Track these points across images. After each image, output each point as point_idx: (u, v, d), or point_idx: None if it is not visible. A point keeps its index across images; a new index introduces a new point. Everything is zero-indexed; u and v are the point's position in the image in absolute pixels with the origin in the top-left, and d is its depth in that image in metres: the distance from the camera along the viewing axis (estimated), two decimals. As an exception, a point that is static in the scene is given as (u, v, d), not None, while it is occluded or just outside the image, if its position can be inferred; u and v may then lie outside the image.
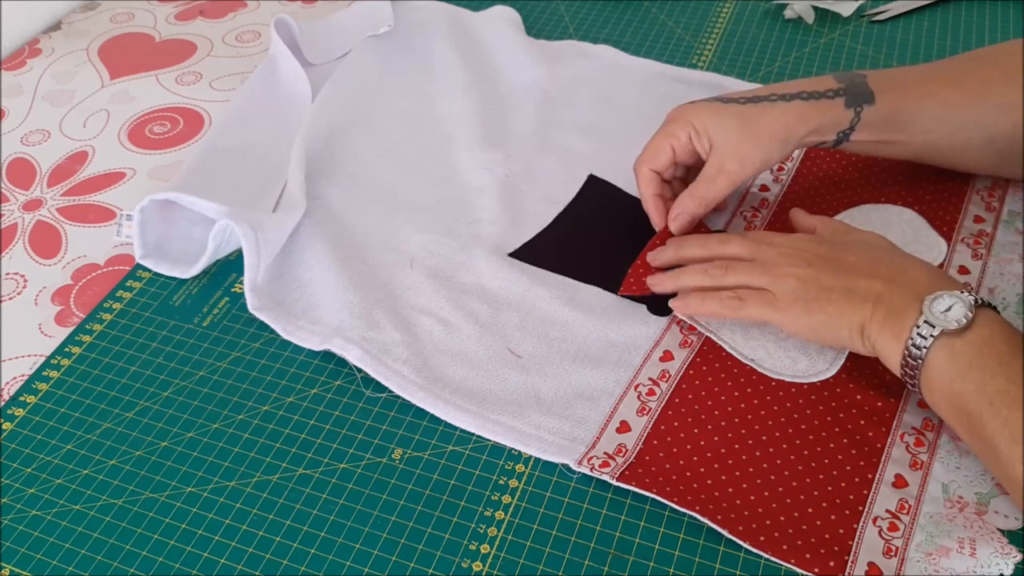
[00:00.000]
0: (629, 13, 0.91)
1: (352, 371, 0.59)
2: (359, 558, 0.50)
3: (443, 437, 0.56)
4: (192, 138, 0.79)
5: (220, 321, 0.63)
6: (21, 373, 0.61)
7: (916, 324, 0.50)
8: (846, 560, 0.48)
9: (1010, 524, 0.49)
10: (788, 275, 0.54)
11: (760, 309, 0.55)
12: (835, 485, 0.51)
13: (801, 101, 0.61)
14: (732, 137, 0.61)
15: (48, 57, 0.90)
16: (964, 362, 0.48)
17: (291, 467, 0.55)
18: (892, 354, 0.51)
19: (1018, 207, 0.67)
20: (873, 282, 0.52)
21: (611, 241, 0.66)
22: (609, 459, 0.53)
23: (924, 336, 0.49)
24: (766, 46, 0.85)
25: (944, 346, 0.49)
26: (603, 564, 0.49)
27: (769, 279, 0.55)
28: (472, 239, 0.67)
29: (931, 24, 0.86)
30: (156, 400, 0.59)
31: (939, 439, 0.54)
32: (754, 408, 0.55)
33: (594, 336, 0.60)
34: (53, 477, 0.55)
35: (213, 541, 0.52)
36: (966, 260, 0.63)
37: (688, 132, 0.62)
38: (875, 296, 0.52)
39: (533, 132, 0.76)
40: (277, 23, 0.82)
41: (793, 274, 0.54)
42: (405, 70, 0.83)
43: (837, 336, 0.53)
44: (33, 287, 0.67)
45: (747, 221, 0.68)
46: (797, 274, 0.54)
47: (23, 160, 0.78)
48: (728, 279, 0.57)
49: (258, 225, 0.63)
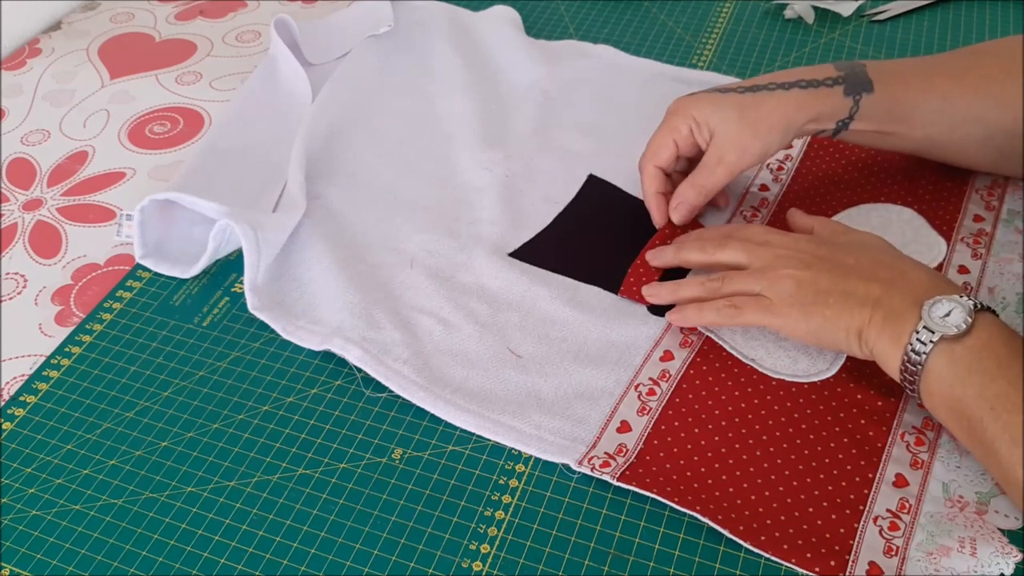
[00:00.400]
0: (629, 13, 0.91)
1: (352, 371, 0.59)
2: (359, 558, 0.50)
3: (443, 437, 0.56)
4: (192, 138, 0.79)
5: (220, 321, 0.63)
6: (21, 373, 0.61)
7: (915, 329, 0.49)
8: (847, 559, 0.48)
9: (1010, 524, 0.49)
10: (785, 277, 0.54)
11: (757, 315, 0.55)
12: (836, 484, 0.51)
13: (800, 90, 0.61)
14: (732, 127, 0.61)
15: (48, 57, 0.90)
16: (964, 367, 0.48)
17: (291, 467, 0.55)
18: (891, 359, 0.51)
19: (1017, 206, 0.67)
20: (871, 285, 0.52)
21: (611, 241, 0.66)
22: (610, 459, 0.53)
23: (923, 342, 0.49)
24: (766, 46, 0.85)
25: (943, 351, 0.49)
26: (603, 564, 0.49)
27: (765, 283, 0.55)
28: (472, 239, 0.67)
29: (931, 24, 0.86)
30: (156, 400, 0.59)
31: (940, 438, 0.54)
32: (755, 408, 0.55)
33: (594, 336, 0.60)
34: (53, 477, 0.55)
35: (213, 541, 0.52)
36: (966, 259, 0.63)
37: (689, 124, 0.62)
38: (873, 300, 0.52)
39: (533, 132, 0.76)
40: (277, 23, 0.82)
41: (790, 276, 0.54)
42: (405, 70, 0.83)
43: (834, 340, 0.53)
44: (33, 287, 0.67)
45: (747, 221, 0.68)
46: (794, 276, 0.54)
47: (23, 160, 0.78)
48: (725, 291, 0.57)
49: (258, 225, 0.63)
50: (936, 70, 0.63)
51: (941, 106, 0.62)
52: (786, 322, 0.54)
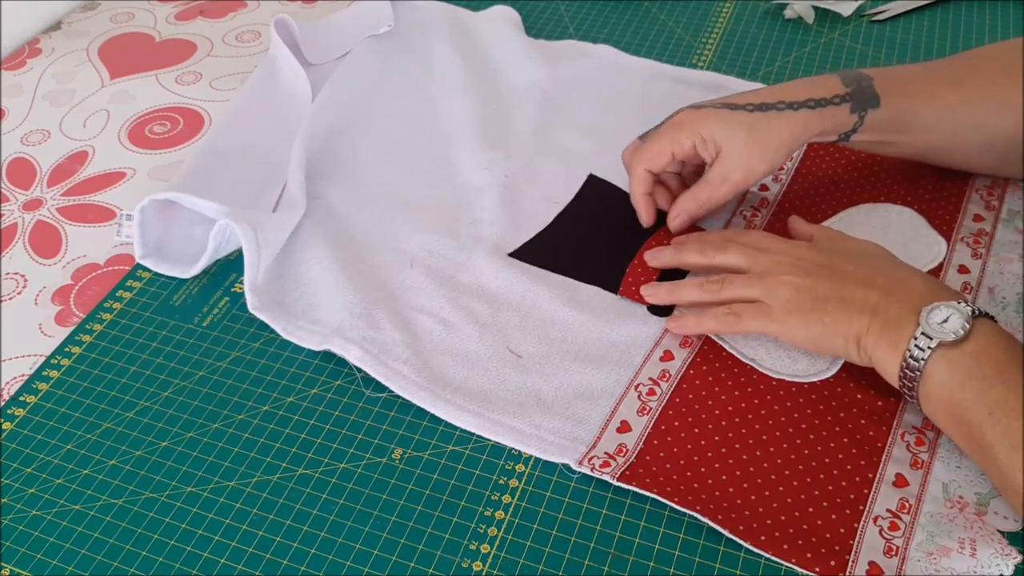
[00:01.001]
0: (629, 13, 0.91)
1: (352, 371, 0.59)
2: (359, 558, 0.50)
3: (443, 437, 0.56)
4: (192, 138, 0.79)
5: (220, 321, 0.63)
6: (21, 373, 0.61)
7: (914, 335, 0.50)
8: (847, 559, 0.48)
9: (1009, 525, 0.49)
10: (784, 284, 0.54)
11: (756, 322, 0.55)
12: (836, 484, 0.51)
13: (808, 110, 0.61)
14: (739, 147, 0.61)
15: (48, 57, 0.90)
16: (963, 372, 0.48)
17: (291, 467, 0.55)
18: (890, 365, 0.51)
19: (1017, 206, 0.67)
20: (870, 292, 0.52)
21: (611, 241, 0.66)
22: (610, 459, 0.53)
23: (922, 348, 0.49)
24: (766, 46, 0.85)
25: (942, 357, 0.49)
26: (603, 564, 0.49)
27: (764, 289, 0.55)
28: (472, 239, 0.67)
29: (931, 24, 0.86)
30: (156, 400, 0.59)
31: (940, 438, 0.54)
32: (755, 407, 0.55)
33: (594, 336, 0.60)
34: (53, 477, 0.55)
35: (213, 541, 0.52)
36: (966, 259, 0.63)
37: (694, 140, 0.61)
38: (871, 307, 0.52)
39: (533, 132, 0.76)
40: (277, 23, 0.82)
41: (789, 283, 0.54)
42: (405, 70, 0.83)
43: (833, 347, 0.53)
44: (33, 287, 0.67)
45: (747, 221, 0.68)
46: (793, 283, 0.54)
47: (23, 160, 0.78)
48: (724, 294, 0.57)
49: (258, 225, 0.63)
50: (938, 77, 0.63)
51: (943, 114, 0.62)
52: (784, 328, 0.54)
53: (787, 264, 0.56)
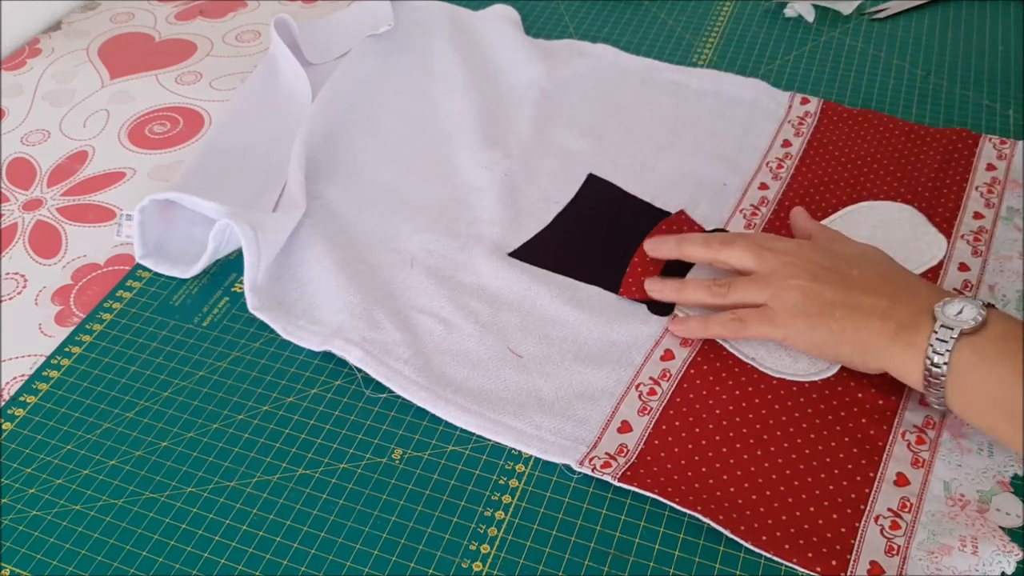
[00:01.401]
0: (629, 13, 0.91)
1: (352, 371, 0.59)
2: (359, 558, 0.50)
3: (443, 437, 0.56)
4: (192, 138, 0.79)
5: (220, 321, 0.63)
6: (21, 373, 0.61)
7: (933, 331, 0.50)
8: (848, 559, 0.48)
9: (1012, 522, 0.49)
10: (791, 288, 0.54)
11: (762, 328, 0.55)
12: (837, 484, 0.51)
13: None
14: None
15: (48, 57, 0.90)
16: (993, 352, 0.48)
17: (291, 467, 0.55)
18: (910, 367, 0.51)
19: (1016, 203, 0.67)
20: (877, 298, 0.52)
21: (611, 240, 0.66)
22: (611, 459, 0.53)
23: (944, 340, 0.49)
24: (766, 45, 0.85)
25: (966, 345, 0.49)
26: (603, 564, 0.49)
27: (770, 292, 0.55)
28: (472, 239, 0.67)
29: (931, 22, 0.86)
30: (156, 400, 0.59)
31: (940, 437, 0.53)
32: (755, 407, 0.55)
33: (595, 336, 0.60)
34: (53, 477, 0.55)
35: (213, 541, 0.52)
36: (966, 257, 0.63)
37: None
38: (880, 312, 0.52)
39: (533, 132, 0.76)
40: (277, 23, 0.82)
41: (796, 287, 0.54)
42: (405, 70, 0.83)
43: (838, 353, 0.53)
44: (33, 287, 0.67)
45: (747, 219, 0.68)
46: (800, 287, 0.54)
47: (23, 160, 0.78)
48: (731, 298, 0.56)
49: (258, 225, 0.63)
50: None
51: None
52: (790, 333, 0.54)
53: (794, 266, 0.55)
